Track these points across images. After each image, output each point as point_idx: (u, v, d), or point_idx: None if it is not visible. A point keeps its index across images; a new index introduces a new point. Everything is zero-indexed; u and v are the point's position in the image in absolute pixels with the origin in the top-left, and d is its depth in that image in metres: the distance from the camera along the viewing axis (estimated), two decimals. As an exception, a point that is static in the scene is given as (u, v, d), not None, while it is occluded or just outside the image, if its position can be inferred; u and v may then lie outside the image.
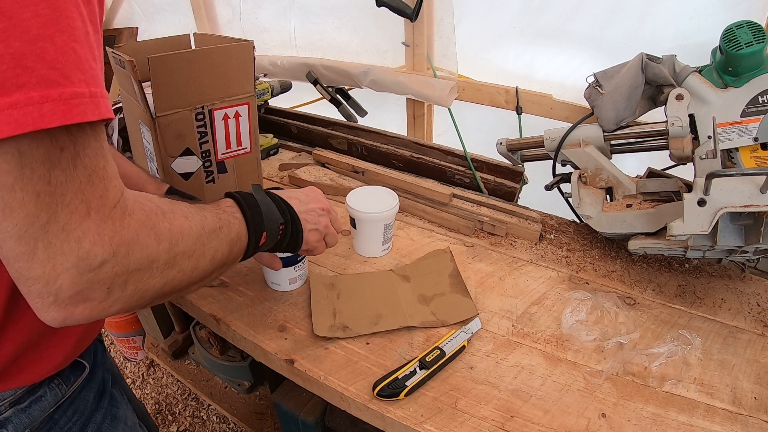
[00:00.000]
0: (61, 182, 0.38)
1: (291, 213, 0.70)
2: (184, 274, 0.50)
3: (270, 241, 0.66)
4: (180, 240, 0.49)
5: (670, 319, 0.84)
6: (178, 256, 0.49)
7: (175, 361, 1.66)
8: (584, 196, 0.96)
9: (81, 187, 0.39)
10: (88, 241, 0.40)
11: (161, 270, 0.47)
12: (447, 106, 1.40)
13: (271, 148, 1.43)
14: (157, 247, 0.46)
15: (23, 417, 0.56)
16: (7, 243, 0.38)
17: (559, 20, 1.23)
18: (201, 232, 0.53)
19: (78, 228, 0.39)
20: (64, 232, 0.39)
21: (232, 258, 0.59)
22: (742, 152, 0.84)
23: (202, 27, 1.94)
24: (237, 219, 0.60)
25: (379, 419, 0.67)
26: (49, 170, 0.37)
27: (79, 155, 0.39)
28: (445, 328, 0.80)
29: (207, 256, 0.54)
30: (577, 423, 0.65)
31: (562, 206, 1.12)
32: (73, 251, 0.39)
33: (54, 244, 0.38)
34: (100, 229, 0.41)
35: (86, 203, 0.40)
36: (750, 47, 0.81)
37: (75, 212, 0.39)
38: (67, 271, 0.39)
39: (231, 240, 0.58)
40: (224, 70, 0.93)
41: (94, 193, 0.40)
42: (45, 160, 0.37)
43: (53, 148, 0.37)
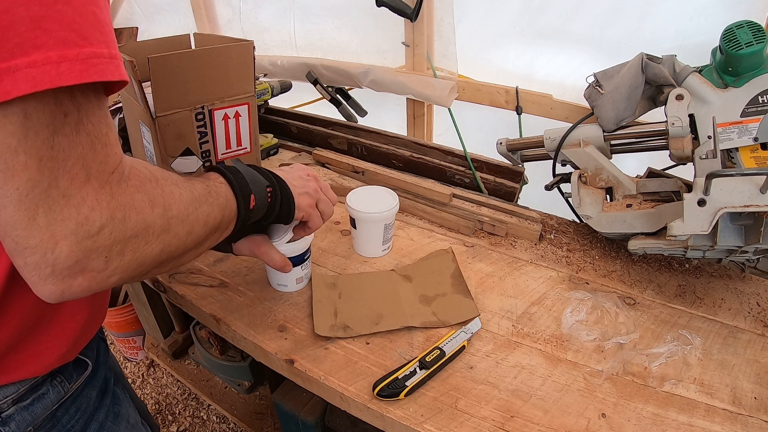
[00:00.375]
0: (63, 147, 0.38)
1: (276, 178, 0.69)
2: (179, 239, 0.51)
3: (261, 204, 0.65)
4: (173, 204, 0.50)
5: (670, 319, 0.84)
6: (172, 220, 0.49)
7: (175, 361, 1.66)
8: (584, 196, 0.96)
9: (83, 153, 0.39)
10: (86, 207, 0.40)
11: (157, 235, 0.47)
12: (447, 106, 1.40)
13: (271, 148, 1.43)
14: (151, 211, 0.46)
15: (26, 414, 0.56)
16: (7, 209, 0.37)
17: (559, 20, 1.23)
18: (191, 197, 0.54)
19: (78, 193, 0.39)
20: (64, 197, 0.39)
21: (225, 222, 0.60)
22: (742, 152, 0.84)
23: (202, 27, 1.94)
24: (223, 184, 0.61)
25: (379, 419, 0.67)
26: (53, 135, 0.37)
27: (82, 121, 0.39)
28: (445, 328, 0.80)
29: (200, 220, 0.54)
30: (577, 423, 0.65)
31: (562, 206, 1.12)
32: (72, 217, 0.39)
33: (54, 210, 0.38)
34: (99, 195, 0.41)
35: (86, 169, 0.40)
36: (750, 47, 0.81)
37: (75, 178, 0.39)
38: (66, 238, 0.39)
39: (221, 204, 0.58)
40: (224, 70, 0.94)
41: (95, 159, 0.40)
42: (49, 124, 0.37)
43: (58, 113, 0.37)
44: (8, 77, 0.35)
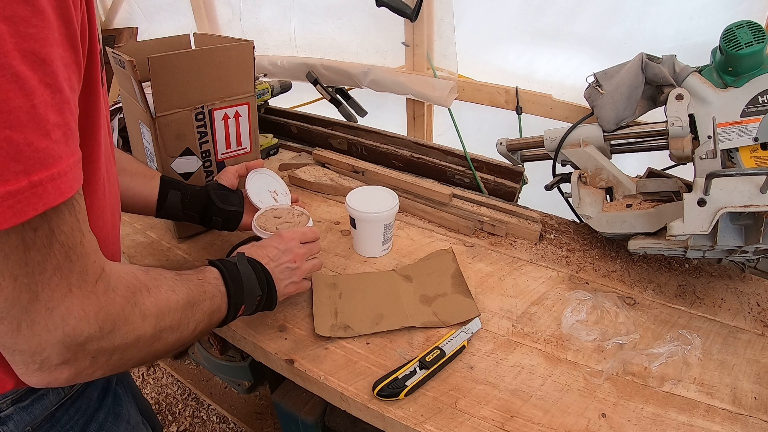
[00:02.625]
0: (38, 262, 0.38)
1: (268, 281, 0.71)
2: (167, 345, 0.53)
3: (247, 311, 0.69)
4: (166, 314, 0.51)
5: (670, 319, 0.84)
6: (164, 330, 0.51)
7: (175, 361, 1.66)
8: (584, 196, 0.96)
9: (59, 265, 0.39)
10: (73, 318, 0.41)
11: (147, 344, 0.49)
12: (447, 106, 1.40)
13: (271, 148, 1.43)
14: (142, 323, 0.48)
15: (24, 415, 0.56)
16: None
17: (559, 20, 1.23)
18: (186, 305, 0.55)
19: (61, 305, 0.40)
20: (47, 309, 0.39)
21: (209, 328, 0.62)
22: (742, 152, 0.84)
23: (202, 27, 1.94)
24: (220, 293, 0.62)
25: (379, 419, 0.67)
26: (25, 253, 0.37)
27: (54, 233, 0.39)
28: (445, 328, 0.80)
29: (190, 327, 0.56)
30: (577, 423, 0.65)
31: (562, 206, 1.12)
32: (59, 327, 0.40)
33: (38, 322, 0.39)
34: (85, 305, 0.41)
35: (66, 280, 0.40)
36: (750, 47, 0.81)
37: (56, 290, 0.40)
38: (53, 346, 0.40)
39: (212, 312, 0.61)
40: (224, 70, 0.93)
41: (73, 269, 0.41)
42: (19, 245, 0.37)
43: (27, 230, 0.37)
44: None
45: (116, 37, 2.30)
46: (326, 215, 1.12)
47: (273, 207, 0.90)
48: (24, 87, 0.35)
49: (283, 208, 0.90)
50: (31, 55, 0.35)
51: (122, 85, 1.01)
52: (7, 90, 0.34)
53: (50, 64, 0.36)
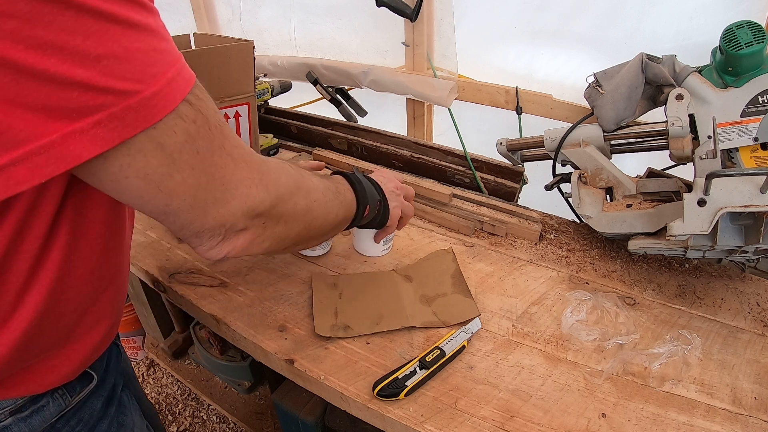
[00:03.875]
0: (206, 148, 0.42)
1: (382, 192, 0.79)
2: (316, 221, 0.59)
3: (371, 214, 0.75)
4: (312, 190, 0.58)
5: (670, 319, 0.84)
6: (312, 204, 0.58)
7: (175, 361, 1.66)
8: (584, 196, 0.96)
9: (221, 144, 0.44)
10: (244, 186, 0.46)
11: (303, 214, 0.56)
12: (447, 106, 1.40)
13: (271, 148, 1.43)
14: (298, 192, 0.54)
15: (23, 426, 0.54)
16: (180, 216, 0.43)
17: (559, 20, 1.23)
18: (326, 190, 0.62)
19: (233, 178, 0.45)
20: (223, 185, 0.44)
21: (344, 221, 0.69)
22: (742, 152, 0.84)
23: (202, 27, 1.94)
24: (349, 191, 0.70)
25: (379, 419, 0.67)
26: (193, 143, 0.41)
27: (207, 119, 0.42)
28: (445, 328, 0.80)
29: (331, 212, 0.63)
30: (577, 423, 0.65)
31: (562, 206, 1.12)
32: (235, 197, 0.45)
33: (219, 200, 0.44)
34: (251, 174, 0.47)
35: (230, 156, 0.45)
36: (750, 47, 0.81)
37: (226, 167, 0.44)
38: (234, 215, 0.46)
39: (345, 205, 0.67)
40: (224, 70, 0.94)
41: (231, 144, 0.45)
42: (186, 139, 0.40)
43: (188, 124, 0.40)
44: (147, 106, 0.37)
45: (116, 37, 2.29)
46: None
47: None
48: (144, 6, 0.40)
49: None
50: None
51: (122, 85, 1.00)
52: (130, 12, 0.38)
53: None
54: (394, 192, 0.83)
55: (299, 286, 0.90)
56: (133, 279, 1.42)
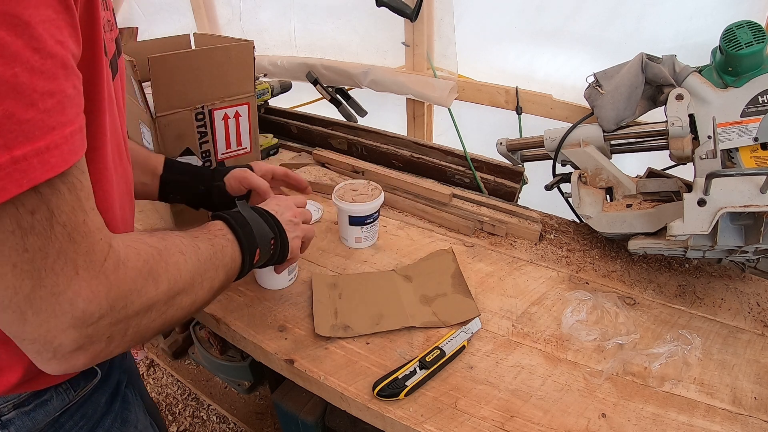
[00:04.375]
0: (39, 247, 0.36)
1: (278, 225, 0.69)
2: (182, 310, 0.51)
3: (263, 257, 0.66)
4: (178, 278, 0.49)
5: (670, 319, 0.84)
6: (177, 294, 0.49)
7: (175, 361, 1.66)
8: (584, 196, 0.96)
9: (62, 248, 0.37)
10: (81, 300, 0.39)
11: (161, 312, 0.47)
12: (447, 106, 1.40)
13: (271, 148, 1.43)
14: (156, 290, 0.46)
15: (26, 420, 0.54)
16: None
17: (559, 20, 1.23)
18: (197, 264, 0.53)
19: (68, 289, 0.38)
20: (53, 295, 0.37)
21: (227, 282, 0.60)
22: (742, 152, 0.84)
23: (202, 27, 1.94)
24: (229, 241, 0.60)
25: (379, 419, 0.67)
26: (22, 238, 0.35)
27: (53, 214, 0.36)
28: (445, 328, 0.80)
29: (205, 287, 0.54)
30: (577, 423, 0.65)
31: (562, 206, 1.12)
32: (67, 312, 0.38)
33: (44, 309, 0.37)
34: (93, 287, 0.39)
35: (72, 263, 0.38)
36: (750, 47, 0.81)
37: (61, 274, 0.37)
38: (65, 331, 0.38)
39: (225, 264, 0.58)
40: (224, 70, 0.94)
41: (78, 251, 0.38)
42: (15, 229, 0.35)
43: (23, 214, 0.35)
44: None
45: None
46: (326, 215, 1.12)
47: (351, 182, 1.02)
48: (4, 54, 0.32)
49: (359, 182, 1.02)
50: (11, 18, 0.32)
51: (122, 85, 1.00)
52: None
53: (35, 27, 0.33)
54: (292, 221, 0.74)
55: (299, 286, 0.90)
56: (133, 279, 1.42)
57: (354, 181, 1.03)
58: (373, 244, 1.01)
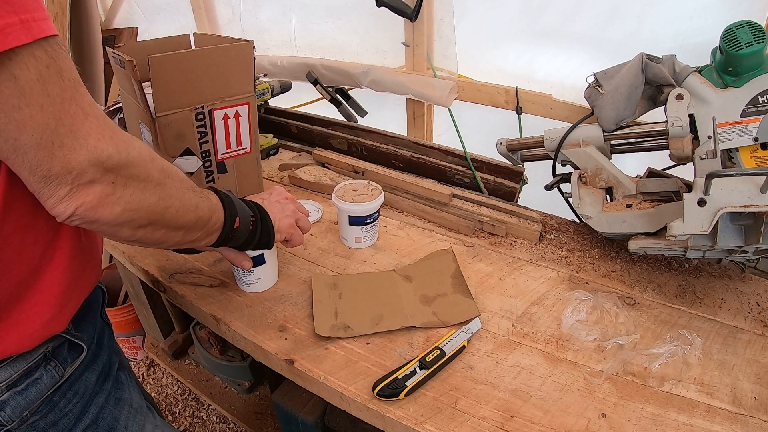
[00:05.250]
0: (56, 93, 0.45)
1: (260, 209, 0.76)
2: (171, 200, 0.58)
3: (243, 228, 0.72)
4: (169, 170, 0.58)
5: (670, 319, 0.84)
6: (166, 180, 0.57)
7: (175, 361, 1.66)
8: (584, 196, 0.96)
9: (73, 95, 0.46)
10: (93, 138, 0.48)
11: (154, 185, 0.55)
12: (447, 106, 1.40)
13: (271, 148, 1.43)
14: (151, 163, 0.55)
15: (20, 399, 0.57)
16: (29, 154, 0.45)
17: (559, 20, 1.23)
18: (184, 179, 0.62)
19: (82, 127, 0.47)
20: (71, 132, 0.46)
21: (211, 224, 0.67)
22: (742, 152, 0.84)
23: (202, 27, 1.94)
24: (213, 196, 0.68)
25: (379, 419, 0.67)
26: (44, 85, 0.44)
27: (62, 70, 0.46)
28: (445, 328, 0.80)
29: (192, 201, 0.62)
30: (577, 423, 0.65)
31: (562, 206, 1.12)
32: (83, 146, 0.47)
33: (66, 144, 0.46)
34: (101, 129, 0.48)
35: (81, 108, 0.47)
36: (750, 47, 0.81)
37: (75, 115, 0.46)
38: (81, 162, 0.47)
39: (210, 206, 0.66)
40: (224, 70, 0.93)
41: (84, 100, 0.48)
42: (38, 78, 0.43)
43: (40, 67, 0.44)
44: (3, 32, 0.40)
45: (116, 37, 2.30)
46: (326, 215, 1.12)
47: (351, 182, 1.03)
48: None
49: (359, 182, 1.02)
50: None
51: (122, 85, 1.01)
52: None
53: None
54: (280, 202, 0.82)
55: (299, 286, 0.90)
56: (133, 279, 1.42)
57: (354, 181, 1.03)
58: (373, 244, 1.01)
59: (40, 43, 0.44)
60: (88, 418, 0.65)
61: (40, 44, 0.44)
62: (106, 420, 0.67)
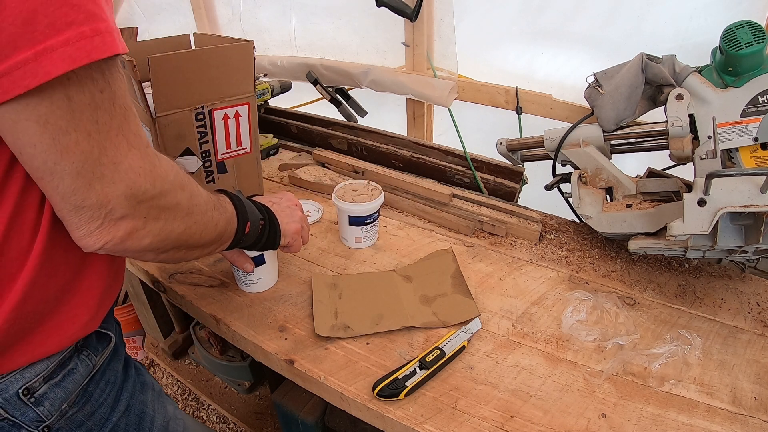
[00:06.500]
0: (105, 121, 0.44)
1: (269, 212, 0.77)
2: (197, 225, 0.58)
3: (253, 232, 0.73)
4: (196, 195, 0.58)
5: (670, 319, 0.84)
6: (195, 207, 0.57)
7: (175, 361, 1.66)
8: (584, 196, 0.96)
9: (120, 125, 0.45)
10: (133, 173, 0.46)
11: (183, 215, 0.55)
12: (447, 106, 1.40)
13: (271, 148, 1.43)
14: (182, 192, 0.54)
15: (58, 391, 0.57)
16: (65, 180, 0.43)
17: (559, 20, 1.23)
18: (207, 198, 0.62)
19: (125, 160, 0.46)
20: (114, 164, 0.45)
21: (227, 235, 0.67)
22: (742, 152, 0.84)
23: (202, 27, 1.94)
24: (229, 204, 0.68)
25: (379, 419, 0.67)
26: (95, 111, 0.43)
27: (116, 95, 0.44)
28: (445, 328, 0.80)
29: (213, 220, 0.62)
30: (577, 423, 0.65)
31: (562, 206, 1.11)
32: (123, 180, 0.46)
33: (106, 176, 0.45)
34: (142, 163, 0.47)
35: (126, 139, 0.46)
36: (750, 47, 0.81)
37: (119, 147, 0.45)
38: (117, 198, 0.46)
39: (227, 217, 0.66)
40: (224, 70, 0.93)
41: (131, 130, 0.46)
42: (90, 103, 0.42)
43: (95, 90, 0.42)
44: (46, 57, 0.38)
45: (116, 37, 2.29)
46: (326, 215, 1.12)
47: (351, 182, 1.03)
48: None
49: (359, 182, 1.03)
50: None
51: (122, 85, 1.00)
52: None
53: None
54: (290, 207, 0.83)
55: (299, 286, 0.90)
56: (133, 279, 1.42)
57: (354, 181, 1.03)
58: (373, 244, 1.01)
59: (100, 65, 0.42)
60: (121, 405, 0.66)
61: (100, 66, 0.42)
62: (136, 406, 0.69)
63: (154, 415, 0.72)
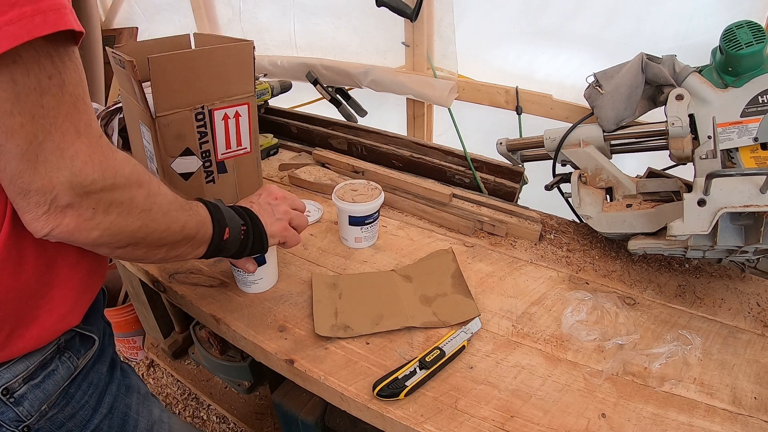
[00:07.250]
0: (52, 106, 0.44)
1: (251, 215, 0.75)
2: (157, 226, 0.57)
3: (234, 238, 0.71)
4: (157, 194, 0.56)
5: (670, 319, 0.84)
6: (153, 206, 0.55)
7: (175, 361, 1.66)
8: (584, 196, 0.96)
9: (69, 112, 0.45)
10: (80, 160, 0.46)
11: (138, 212, 0.53)
12: (447, 106, 1.40)
13: (271, 148, 1.43)
14: (138, 188, 0.53)
15: (38, 392, 0.57)
16: (11, 163, 0.43)
17: (559, 20, 1.23)
18: (174, 199, 0.60)
19: (71, 147, 0.45)
20: (58, 149, 0.45)
21: (198, 238, 0.65)
22: (742, 152, 0.84)
23: (202, 27, 1.94)
24: (202, 209, 0.67)
25: (379, 419, 0.67)
26: (41, 95, 0.43)
27: (65, 83, 0.44)
28: (445, 328, 0.80)
29: (179, 221, 0.60)
30: (577, 423, 0.65)
31: (562, 206, 1.12)
32: (68, 167, 0.45)
33: (50, 160, 0.44)
34: (91, 152, 0.47)
35: (75, 126, 0.45)
36: (750, 47, 0.81)
37: (66, 133, 0.45)
38: (62, 184, 0.45)
39: (198, 221, 0.64)
40: (224, 70, 0.93)
41: (81, 118, 0.46)
42: (36, 87, 0.42)
43: (42, 76, 0.42)
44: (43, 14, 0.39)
45: (116, 37, 2.30)
46: (326, 215, 1.12)
47: (351, 182, 1.03)
48: None
49: (359, 182, 1.02)
50: None
51: (122, 85, 1.00)
52: None
53: None
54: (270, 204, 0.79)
55: (299, 286, 0.90)
56: (133, 279, 1.42)
57: (354, 181, 1.03)
58: (373, 244, 1.01)
59: (49, 50, 0.42)
60: (104, 408, 0.66)
61: (49, 52, 0.42)
62: (120, 408, 0.69)
63: (138, 419, 0.72)
